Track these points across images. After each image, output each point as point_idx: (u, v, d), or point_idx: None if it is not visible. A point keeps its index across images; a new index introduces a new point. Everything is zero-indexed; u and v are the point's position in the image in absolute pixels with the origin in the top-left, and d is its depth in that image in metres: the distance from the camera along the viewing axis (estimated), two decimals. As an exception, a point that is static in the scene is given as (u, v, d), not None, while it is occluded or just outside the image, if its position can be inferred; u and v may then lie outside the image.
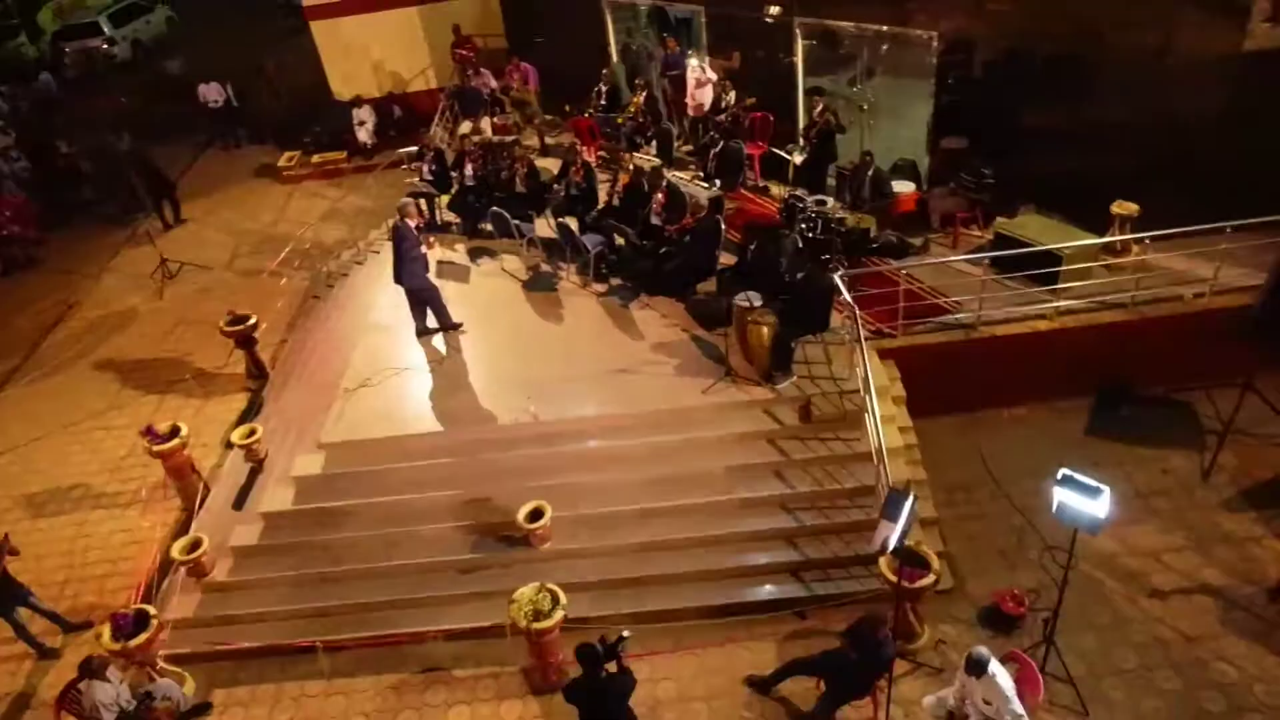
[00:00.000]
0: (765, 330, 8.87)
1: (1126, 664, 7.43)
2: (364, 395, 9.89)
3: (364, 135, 17.64)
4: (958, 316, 9.73)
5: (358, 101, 17.67)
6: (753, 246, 9.71)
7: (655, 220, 10.77)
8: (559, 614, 7.27)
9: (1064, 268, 9.44)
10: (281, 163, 17.96)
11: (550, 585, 7.46)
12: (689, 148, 14.11)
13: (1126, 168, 10.05)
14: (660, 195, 10.68)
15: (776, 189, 12.74)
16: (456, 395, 9.71)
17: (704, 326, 10.10)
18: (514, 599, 7.36)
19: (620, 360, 9.80)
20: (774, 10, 13.09)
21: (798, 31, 12.22)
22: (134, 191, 15.71)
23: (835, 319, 9.67)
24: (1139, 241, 10.16)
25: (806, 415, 8.95)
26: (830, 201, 10.80)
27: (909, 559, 6.99)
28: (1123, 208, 10.08)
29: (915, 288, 10.02)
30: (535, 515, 8.31)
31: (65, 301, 15.03)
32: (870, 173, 10.51)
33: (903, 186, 11.08)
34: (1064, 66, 10.63)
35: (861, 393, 8.61)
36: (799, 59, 12.47)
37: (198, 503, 9.71)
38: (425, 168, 12.53)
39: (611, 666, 6.27)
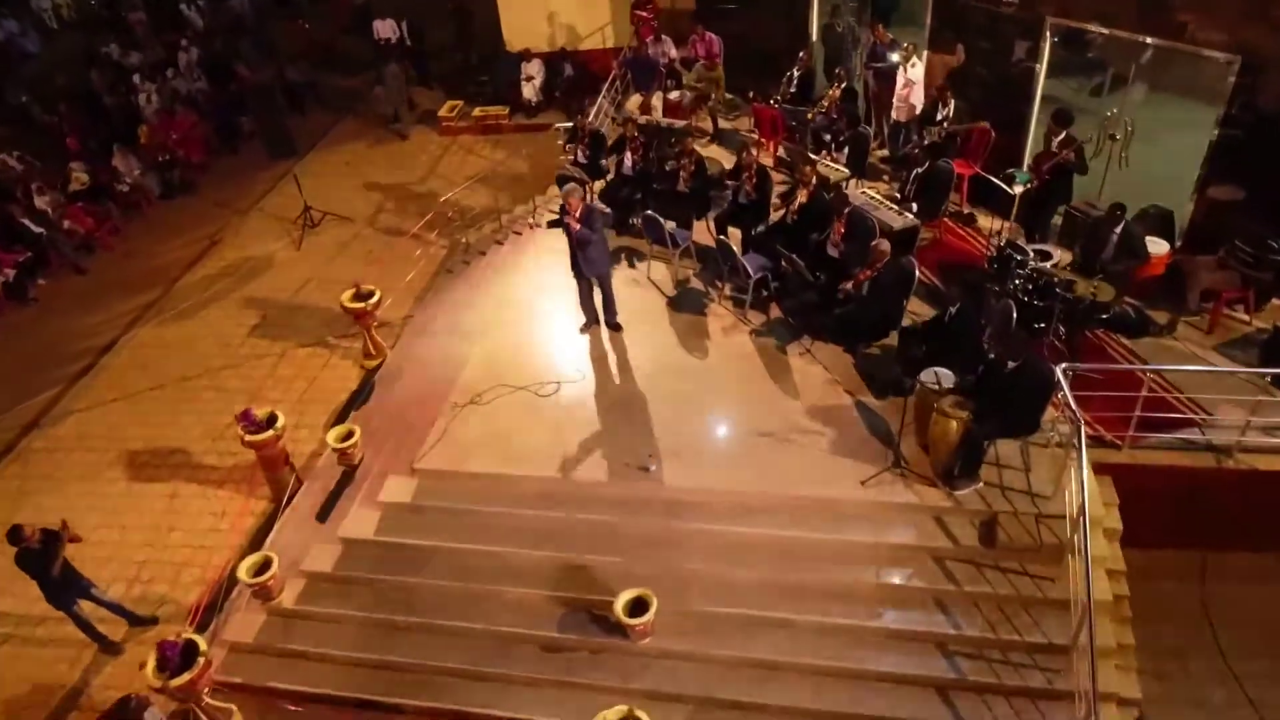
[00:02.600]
0: (954, 426, 7.05)
1: None
2: (471, 414, 8.72)
3: (529, 92, 16.44)
4: (1208, 435, 7.56)
5: (527, 55, 16.44)
6: (953, 310, 7.79)
7: (832, 251, 8.99)
8: (644, 755, 5.92)
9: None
10: (443, 112, 17.03)
11: (639, 714, 6.10)
12: (884, 152, 12.13)
13: None
14: (839, 224, 8.87)
15: (984, 219, 10.66)
16: (571, 432, 8.39)
17: (874, 392, 8.34)
18: (593, 724, 6.05)
19: (767, 419, 8.21)
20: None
21: (1047, 33, 9.93)
22: (285, 131, 15.12)
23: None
24: None
25: (989, 537, 7.13)
26: (1056, 255, 8.70)
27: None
28: None
29: (1153, 382, 7.89)
30: (638, 607, 6.94)
31: (210, 237, 14.74)
32: (1119, 229, 8.28)
33: (1155, 246, 8.80)
34: None
35: (1069, 530, 6.71)
36: (1042, 67, 10.19)
37: (285, 497, 8.94)
38: (579, 151, 11.12)
39: None
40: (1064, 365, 7.00)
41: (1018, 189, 9.98)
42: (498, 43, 17.22)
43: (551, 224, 8.66)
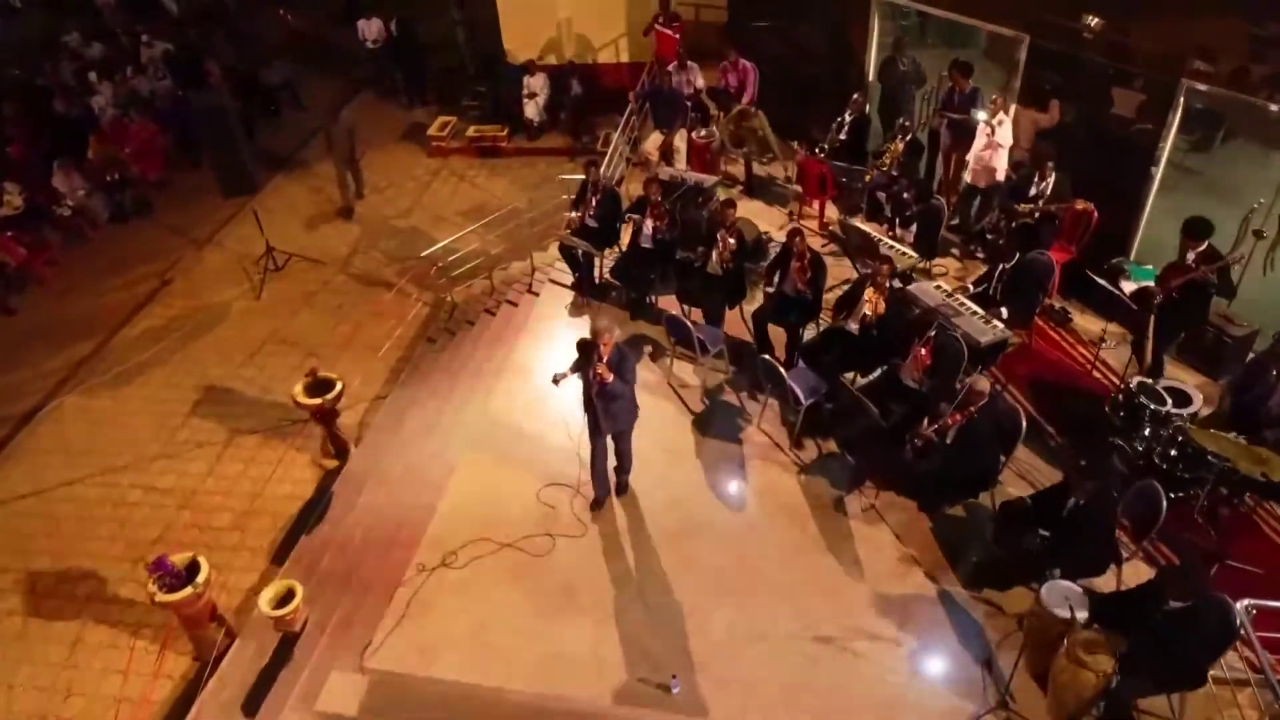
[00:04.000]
0: (1092, 679, 5.18)
1: None
2: (441, 581, 6.85)
3: (531, 111, 14.37)
4: None
5: (530, 68, 14.35)
6: (1081, 500, 5.86)
7: (908, 380, 7.07)
8: None
9: None
10: (433, 129, 14.93)
11: None
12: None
13: None
14: (923, 349, 6.92)
15: (1080, 318, 8.72)
16: (568, 619, 6.50)
17: (963, 579, 6.46)
18: None
19: (823, 615, 6.33)
20: (1094, 23, 8.89)
21: (1181, 99, 7.90)
22: (241, 165, 13.07)
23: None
24: None
25: (1133, 827, 5.29)
26: (1197, 399, 6.77)
27: None
28: None
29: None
30: None
31: (161, 275, 12.77)
32: (1289, 376, 6.36)
33: (1323, 390, 6.86)
34: None
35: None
36: (1169, 135, 8.16)
37: (210, 663, 7.13)
38: (587, 215, 9.09)
39: None
40: (1246, 602, 5.11)
41: (1128, 286, 8.07)
42: (498, 50, 15.11)
43: (574, 368, 6.59)
